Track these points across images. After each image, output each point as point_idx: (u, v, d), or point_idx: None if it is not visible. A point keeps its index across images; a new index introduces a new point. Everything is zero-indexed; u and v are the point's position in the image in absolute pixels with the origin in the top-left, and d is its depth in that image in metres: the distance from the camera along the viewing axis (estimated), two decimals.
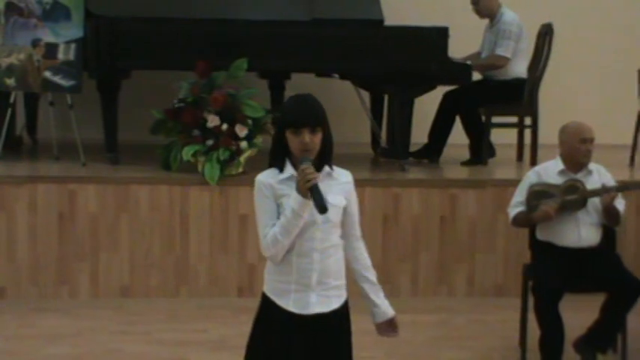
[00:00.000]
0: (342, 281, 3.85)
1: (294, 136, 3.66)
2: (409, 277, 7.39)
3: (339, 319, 3.85)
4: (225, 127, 7.12)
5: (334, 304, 3.80)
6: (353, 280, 3.85)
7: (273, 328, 3.81)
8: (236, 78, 7.29)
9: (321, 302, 3.78)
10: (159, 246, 7.11)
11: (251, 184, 6.42)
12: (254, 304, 3.91)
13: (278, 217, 3.72)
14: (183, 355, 5.92)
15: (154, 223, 7.09)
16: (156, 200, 7.10)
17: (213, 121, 7.10)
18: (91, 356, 5.85)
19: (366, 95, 8.66)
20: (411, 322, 6.45)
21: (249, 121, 7.22)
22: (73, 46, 7.33)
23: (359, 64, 7.75)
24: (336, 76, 8.27)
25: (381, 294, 3.93)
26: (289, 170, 3.72)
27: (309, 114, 3.70)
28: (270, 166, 3.79)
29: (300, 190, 3.62)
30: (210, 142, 7.10)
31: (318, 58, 7.69)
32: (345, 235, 3.86)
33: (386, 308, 3.91)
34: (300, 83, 8.09)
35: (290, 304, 3.77)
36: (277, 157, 3.77)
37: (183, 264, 7.14)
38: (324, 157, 3.75)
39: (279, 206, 3.73)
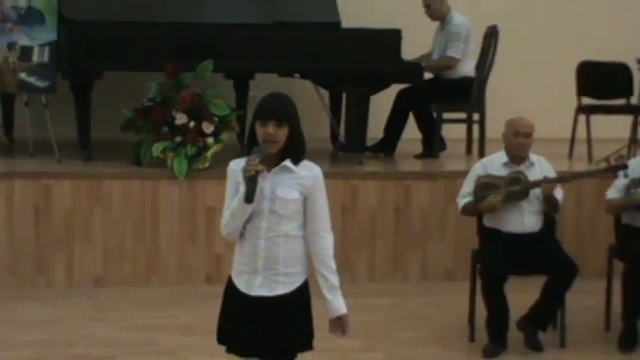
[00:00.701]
0: (295, 270, 3.84)
1: (261, 127, 3.70)
2: (366, 263, 7.41)
3: (287, 303, 3.85)
4: (192, 124, 7.14)
5: (280, 289, 3.81)
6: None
7: (232, 304, 3.88)
8: (202, 78, 7.29)
9: (266, 286, 3.80)
10: (131, 237, 7.09)
11: (217, 177, 6.53)
12: (221, 290, 3.93)
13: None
14: (154, 340, 5.92)
15: (126, 215, 7.08)
16: (127, 194, 7.08)
17: (181, 119, 7.12)
18: (66, 341, 5.80)
19: (325, 94, 8.69)
20: (369, 305, 6.58)
21: (215, 119, 7.23)
22: (47, 48, 7.33)
23: (318, 64, 7.77)
24: (297, 76, 8.26)
25: (337, 292, 3.89)
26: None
27: (277, 108, 3.73)
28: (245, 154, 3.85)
29: (245, 178, 3.68)
30: (178, 139, 7.12)
31: (279, 59, 7.70)
32: (307, 229, 3.86)
33: (338, 306, 3.88)
34: (263, 83, 8.13)
35: (241, 284, 3.82)
36: (249, 147, 3.81)
37: (153, 254, 7.13)
38: (289, 152, 3.76)
39: (238, 191, 3.78)
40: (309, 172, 3.82)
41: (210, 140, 7.17)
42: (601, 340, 6.17)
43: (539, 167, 6.04)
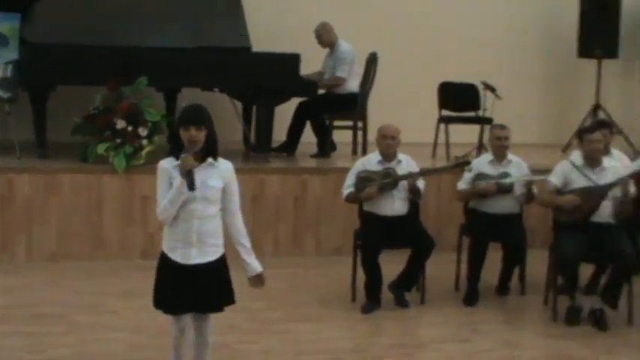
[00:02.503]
0: (219, 241, 4.08)
1: (185, 132, 3.90)
2: (271, 242, 7.51)
3: (215, 267, 4.08)
4: (130, 128, 7.15)
5: (210, 257, 4.05)
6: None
7: (167, 275, 4.07)
8: (139, 91, 7.29)
9: (200, 255, 4.02)
10: (79, 221, 7.11)
11: (151, 172, 6.63)
12: (154, 264, 4.12)
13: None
14: (99, 302, 5.99)
15: (76, 203, 7.10)
16: (77, 185, 7.09)
17: (120, 124, 7.13)
18: (28, 304, 5.89)
19: (239, 104, 8.63)
20: (273, 274, 6.39)
21: (149, 124, 7.25)
22: (10, 66, 7.29)
23: (233, 81, 7.82)
24: (216, 90, 8.26)
25: (253, 256, 4.15)
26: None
27: (195, 115, 3.95)
28: (170, 155, 4.01)
29: (181, 174, 3.87)
30: (118, 140, 7.13)
31: (201, 76, 7.71)
32: (224, 210, 4.08)
33: (256, 266, 4.15)
34: (188, 95, 7.93)
35: (177, 256, 4.01)
36: (174, 149, 3.99)
37: (98, 234, 7.16)
38: (209, 151, 3.99)
39: (171, 185, 3.93)
40: (227, 166, 4.08)
41: (145, 142, 7.20)
42: (452, 298, 6.42)
43: (406, 164, 6.22)
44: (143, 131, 7.21)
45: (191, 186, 3.88)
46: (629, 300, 5.89)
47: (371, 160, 6.31)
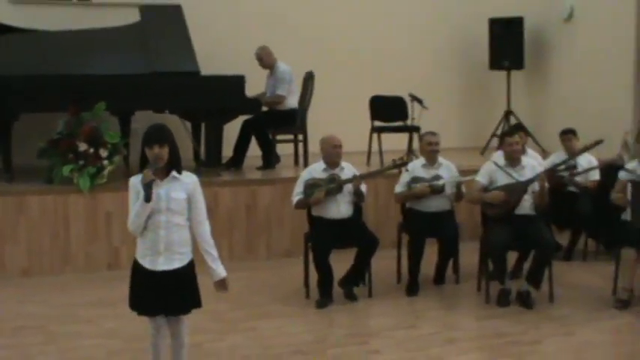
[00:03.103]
0: (186, 249, 4.15)
1: (149, 150, 3.99)
2: (227, 248, 7.46)
3: (182, 273, 4.15)
4: (92, 150, 7.14)
5: (177, 264, 4.12)
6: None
7: (139, 280, 4.14)
8: (98, 116, 7.28)
9: (166, 263, 4.09)
10: (48, 238, 7.08)
11: (113, 190, 6.70)
12: (120, 275, 4.23)
13: None
14: (73, 312, 5.99)
15: (44, 222, 7.08)
16: (44, 205, 7.07)
17: (83, 146, 7.12)
18: (5, 318, 5.87)
19: (188, 124, 8.54)
20: (231, 278, 6.20)
21: (109, 146, 7.24)
22: None
23: (183, 103, 7.82)
24: (167, 111, 8.28)
25: (218, 262, 4.23)
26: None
27: (158, 135, 4.02)
28: (140, 172, 4.05)
29: (142, 187, 3.95)
30: (81, 162, 7.12)
31: (154, 100, 7.71)
32: (191, 220, 4.14)
33: (220, 272, 4.22)
34: (141, 118, 8.05)
35: (147, 263, 4.08)
36: (142, 167, 4.05)
37: (66, 250, 7.14)
38: (172, 165, 4.06)
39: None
40: (190, 179, 4.15)
41: (106, 162, 7.19)
42: (395, 290, 6.56)
43: (348, 170, 6.36)
44: (104, 152, 7.20)
45: (147, 198, 3.95)
46: (549, 281, 6.19)
47: (316, 169, 6.42)
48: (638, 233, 6.02)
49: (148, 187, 3.94)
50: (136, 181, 4.06)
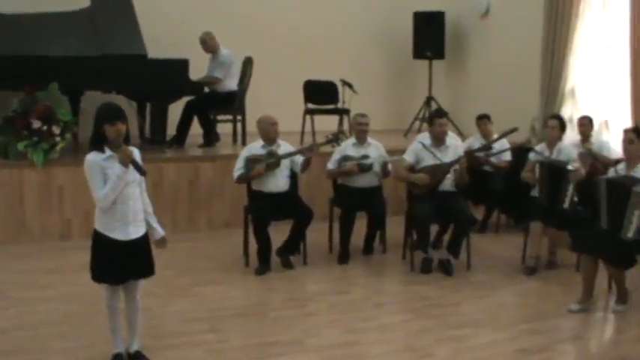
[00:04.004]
0: (143, 216, 4.19)
1: (112, 127, 3.92)
2: (170, 220, 7.47)
3: (145, 238, 4.22)
4: (45, 127, 7.09)
5: (142, 230, 4.18)
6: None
7: (107, 252, 4.09)
8: (51, 95, 7.19)
9: (136, 231, 4.13)
10: (4, 210, 7.05)
11: (65, 164, 6.55)
12: (72, 245, 4.19)
13: (105, 183, 3.95)
14: (31, 279, 5.98)
15: (1, 194, 7.02)
16: (0, 180, 7.03)
17: (36, 124, 7.08)
18: None
19: (134, 103, 8.51)
20: (175, 248, 6.19)
21: (62, 123, 7.18)
22: None
23: (130, 84, 7.73)
24: (115, 92, 8.00)
25: (157, 223, 4.30)
26: (108, 152, 3.98)
27: (120, 113, 3.99)
28: (93, 150, 3.99)
29: (122, 163, 3.92)
30: (35, 139, 7.08)
31: (103, 81, 7.59)
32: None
33: (160, 231, 4.31)
34: (91, 97, 7.71)
35: (118, 235, 4.07)
36: (98, 144, 3.98)
37: (22, 221, 7.11)
38: (127, 141, 4.04)
39: (105, 175, 3.95)
40: (138, 151, 4.13)
41: (58, 139, 7.15)
42: (328, 259, 6.70)
43: (284, 146, 6.42)
44: (56, 130, 7.14)
45: (142, 171, 3.99)
46: (467, 251, 6.42)
47: (255, 146, 6.44)
48: (544, 208, 6.30)
49: (135, 162, 3.96)
50: (97, 159, 3.98)
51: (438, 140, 6.44)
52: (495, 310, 5.46)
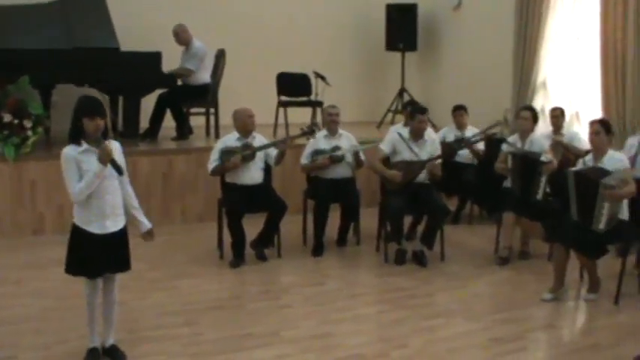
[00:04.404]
0: (123, 210, 4.19)
1: (91, 122, 3.91)
2: (145, 213, 7.23)
3: (124, 232, 4.21)
4: (16, 121, 7.02)
5: (120, 224, 4.17)
6: None
7: (85, 245, 4.07)
8: (22, 88, 7.11)
9: (114, 224, 4.12)
10: None
11: (37, 159, 6.47)
12: (45, 240, 4.14)
13: (79, 176, 3.94)
14: (3, 275, 5.90)
15: None
16: None
17: (7, 118, 7.01)
18: None
19: (106, 97, 8.05)
20: (148, 242, 6.68)
21: (33, 117, 7.12)
22: None
23: (102, 77, 7.65)
24: (87, 85, 7.89)
25: (143, 217, 4.32)
26: (85, 145, 3.97)
27: (100, 107, 3.98)
28: (71, 143, 3.98)
29: (101, 161, 3.91)
30: (6, 132, 7.02)
31: (75, 74, 7.54)
32: (121, 181, 4.15)
33: (147, 223, 4.31)
34: (63, 91, 7.86)
35: (95, 228, 4.06)
36: (76, 137, 3.97)
37: None
38: (104, 135, 4.02)
39: (80, 169, 3.94)
40: (117, 145, 4.18)
41: (30, 132, 7.09)
42: (302, 251, 6.74)
43: (258, 139, 6.43)
44: (28, 123, 7.08)
45: (119, 170, 3.99)
46: (441, 242, 6.49)
47: (230, 138, 6.44)
48: (517, 199, 6.38)
49: (114, 162, 3.95)
50: (73, 153, 3.97)
51: (417, 135, 6.49)
52: (469, 300, 5.52)
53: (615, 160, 5.39)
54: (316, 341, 4.63)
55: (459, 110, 7.96)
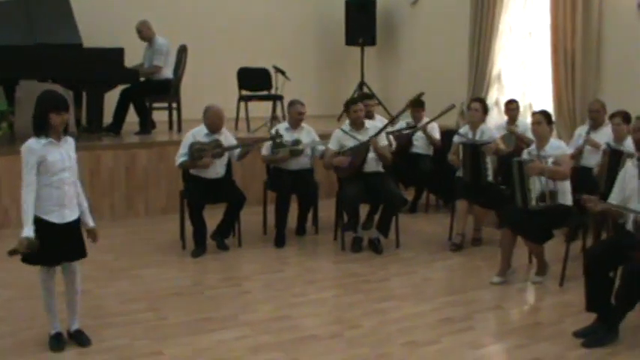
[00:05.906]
0: (76, 201, 4.29)
1: (57, 116, 4.02)
2: (108, 207, 7.64)
3: (79, 222, 4.33)
4: None
5: (75, 214, 4.28)
6: None
7: (46, 234, 4.13)
8: None
9: (72, 214, 4.25)
10: None
11: (2, 154, 6.55)
12: (10, 233, 4.23)
13: (37, 168, 4.03)
14: None
15: None
16: None
17: None
18: None
19: (70, 92, 8.36)
20: (113, 234, 6.90)
21: None
22: None
23: (65, 73, 7.73)
24: (50, 81, 8.00)
25: (89, 217, 4.38)
26: (49, 138, 4.07)
27: (65, 102, 4.08)
28: (36, 136, 4.06)
29: (20, 249, 4.01)
30: None
31: (38, 69, 7.59)
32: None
33: (88, 221, 4.38)
34: (26, 86, 7.91)
35: (54, 218, 4.16)
36: (41, 130, 4.05)
37: None
38: (66, 131, 4.15)
39: (44, 161, 4.03)
40: (72, 140, 4.26)
41: None
42: (262, 240, 6.91)
43: (226, 135, 6.53)
44: None
45: (11, 253, 4.06)
46: (396, 230, 6.71)
47: (200, 132, 6.48)
48: (469, 187, 6.63)
49: (14, 253, 4.03)
50: (36, 146, 4.04)
51: (357, 124, 6.68)
52: (421, 284, 5.74)
53: (555, 147, 5.66)
54: (274, 323, 4.81)
55: (415, 107, 8.13)
